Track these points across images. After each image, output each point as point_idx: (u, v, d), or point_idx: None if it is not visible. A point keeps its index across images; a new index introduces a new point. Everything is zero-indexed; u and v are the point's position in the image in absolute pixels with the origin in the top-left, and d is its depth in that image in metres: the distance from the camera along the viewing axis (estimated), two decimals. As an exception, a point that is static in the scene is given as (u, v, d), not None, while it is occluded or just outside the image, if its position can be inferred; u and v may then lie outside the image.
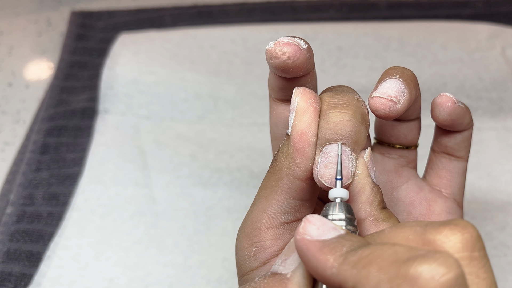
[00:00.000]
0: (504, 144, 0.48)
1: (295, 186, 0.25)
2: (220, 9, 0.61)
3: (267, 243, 0.26)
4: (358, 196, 0.25)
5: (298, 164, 0.25)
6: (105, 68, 0.53)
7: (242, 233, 0.27)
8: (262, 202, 0.26)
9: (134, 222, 0.44)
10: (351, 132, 0.24)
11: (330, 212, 0.23)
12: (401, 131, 0.30)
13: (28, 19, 0.63)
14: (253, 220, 0.27)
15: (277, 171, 0.26)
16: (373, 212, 0.25)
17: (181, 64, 0.54)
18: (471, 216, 0.43)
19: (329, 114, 0.25)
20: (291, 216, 0.26)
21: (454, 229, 0.20)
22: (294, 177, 0.25)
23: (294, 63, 0.26)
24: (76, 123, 0.51)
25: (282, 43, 0.26)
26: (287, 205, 0.26)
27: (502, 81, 0.53)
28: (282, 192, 0.26)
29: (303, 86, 0.28)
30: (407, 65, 0.54)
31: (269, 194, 0.26)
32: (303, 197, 0.26)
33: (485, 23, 0.57)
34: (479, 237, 0.20)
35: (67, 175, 0.47)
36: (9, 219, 0.44)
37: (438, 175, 0.30)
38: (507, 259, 0.41)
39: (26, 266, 0.41)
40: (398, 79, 0.26)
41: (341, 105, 0.25)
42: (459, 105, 0.28)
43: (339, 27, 0.57)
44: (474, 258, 0.19)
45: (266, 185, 0.26)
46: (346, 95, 0.26)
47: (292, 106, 0.25)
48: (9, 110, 0.54)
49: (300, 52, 0.26)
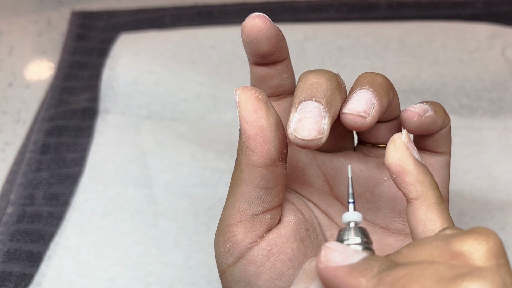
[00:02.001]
0: (504, 144, 0.48)
1: (255, 174, 0.26)
2: (220, 9, 0.61)
3: (239, 237, 0.27)
4: (405, 177, 0.25)
5: (253, 151, 0.26)
6: (106, 68, 0.53)
7: (217, 232, 0.28)
8: (230, 198, 0.27)
9: (134, 222, 0.44)
10: (325, 92, 0.25)
11: (346, 237, 0.23)
12: (380, 131, 0.30)
13: (28, 19, 0.63)
14: (225, 217, 0.27)
15: (238, 166, 0.27)
16: (425, 192, 0.24)
17: (181, 64, 0.54)
18: (471, 216, 0.43)
19: (306, 77, 0.26)
20: (259, 207, 0.27)
21: (478, 238, 0.20)
22: (252, 164, 0.26)
23: (266, 34, 0.27)
24: (76, 123, 0.51)
25: (253, 16, 0.27)
26: (253, 196, 0.26)
27: (502, 81, 0.53)
28: (245, 183, 0.26)
29: (280, 76, 0.29)
30: (407, 65, 0.54)
31: (234, 188, 0.27)
32: (266, 184, 0.26)
33: (485, 23, 0.57)
34: (502, 243, 0.20)
35: (68, 175, 0.47)
36: (9, 219, 0.44)
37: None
38: (507, 259, 0.41)
39: (27, 266, 0.41)
40: (368, 89, 0.26)
41: (318, 71, 0.26)
42: (428, 115, 0.28)
43: (339, 27, 0.57)
44: (501, 265, 0.19)
45: (232, 181, 0.27)
46: (325, 70, 0.27)
47: (236, 101, 0.26)
48: (9, 110, 0.54)
49: (270, 24, 0.27)
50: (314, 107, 0.25)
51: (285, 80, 0.29)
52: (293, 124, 0.25)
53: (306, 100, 0.25)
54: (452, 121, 0.50)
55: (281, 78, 0.29)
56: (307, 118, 0.25)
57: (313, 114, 0.25)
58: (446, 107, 0.51)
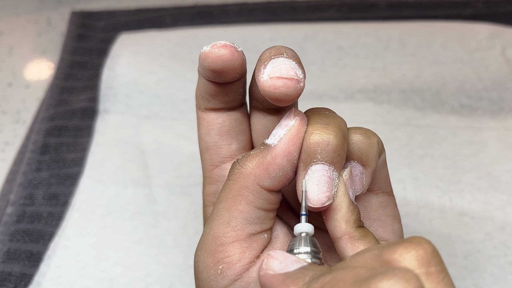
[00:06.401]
0: (504, 144, 0.48)
1: (262, 196, 0.25)
2: (220, 9, 0.61)
3: (235, 257, 0.25)
4: (334, 214, 0.25)
5: (271, 177, 0.24)
6: (105, 68, 0.53)
7: (204, 253, 0.26)
8: (224, 214, 0.25)
9: (134, 222, 0.44)
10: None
11: (296, 246, 0.24)
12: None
13: (28, 19, 0.63)
14: (216, 235, 0.25)
15: (240, 179, 0.25)
16: (348, 230, 0.25)
17: (181, 64, 0.54)
18: (471, 216, 0.43)
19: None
20: (257, 227, 0.25)
21: (408, 246, 0.20)
22: (262, 187, 0.25)
23: (232, 65, 0.25)
24: (76, 123, 0.51)
25: (219, 45, 0.25)
26: (253, 216, 0.25)
27: (502, 81, 0.53)
28: (247, 202, 0.25)
29: (235, 91, 0.28)
30: (407, 65, 0.54)
31: (231, 205, 0.25)
32: (268, 207, 0.25)
33: (485, 23, 0.57)
34: (435, 251, 0.20)
35: (67, 175, 0.47)
36: (9, 219, 0.44)
37: None
38: (507, 259, 0.41)
39: (26, 266, 0.41)
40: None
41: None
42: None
43: (339, 27, 0.57)
44: (431, 273, 0.20)
45: (227, 196, 0.25)
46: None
47: (286, 122, 0.25)
48: (9, 110, 0.54)
49: (237, 54, 0.25)
50: (286, 60, 0.25)
51: (239, 94, 0.28)
52: (267, 71, 0.24)
53: (276, 57, 0.25)
54: (452, 121, 0.50)
55: (236, 93, 0.28)
56: (281, 64, 0.24)
57: (287, 62, 0.24)
58: (446, 107, 0.52)
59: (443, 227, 0.43)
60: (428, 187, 0.45)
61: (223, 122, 0.29)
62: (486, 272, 0.40)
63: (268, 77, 0.24)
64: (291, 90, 0.24)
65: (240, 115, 0.29)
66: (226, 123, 0.29)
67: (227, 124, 0.29)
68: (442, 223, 0.43)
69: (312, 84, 0.53)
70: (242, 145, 0.29)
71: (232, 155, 0.29)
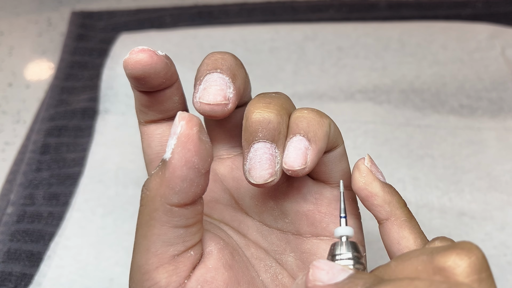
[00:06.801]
0: (504, 144, 0.48)
1: (175, 214, 0.23)
2: (220, 9, 0.61)
3: (162, 283, 0.24)
4: (373, 200, 0.25)
5: (176, 191, 0.23)
6: (106, 68, 0.53)
7: (133, 284, 0.25)
8: (142, 242, 0.24)
9: (134, 222, 0.44)
10: (230, 65, 0.25)
11: (338, 251, 0.24)
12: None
13: (28, 19, 0.63)
14: (139, 264, 0.24)
15: (148, 203, 0.23)
16: (393, 211, 0.25)
17: (181, 64, 0.54)
18: (471, 216, 0.43)
19: (210, 55, 0.25)
20: (179, 247, 0.24)
21: (461, 253, 0.20)
22: (172, 204, 0.23)
23: (153, 69, 0.25)
24: (76, 123, 0.51)
25: (137, 50, 0.25)
26: (171, 236, 0.24)
27: (502, 81, 0.53)
28: (161, 224, 0.23)
29: (170, 99, 0.27)
30: (407, 65, 0.54)
31: (146, 231, 0.24)
32: (186, 223, 0.24)
33: (485, 23, 0.57)
34: (485, 257, 0.20)
35: (68, 175, 0.47)
36: (9, 219, 0.44)
37: (315, 170, 0.28)
38: (507, 259, 0.41)
39: (27, 266, 0.41)
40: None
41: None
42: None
43: (339, 27, 0.57)
44: (482, 280, 0.20)
45: (141, 222, 0.24)
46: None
47: (174, 130, 0.22)
48: (9, 110, 0.54)
49: (157, 57, 0.25)
50: (219, 77, 0.25)
51: (175, 102, 0.27)
52: (198, 94, 0.25)
53: (210, 73, 0.25)
54: (452, 121, 0.50)
55: (171, 101, 0.27)
56: (212, 86, 0.25)
57: (218, 83, 0.25)
58: (446, 107, 0.52)
59: (443, 227, 0.43)
60: (428, 187, 0.45)
61: (163, 133, 0.28)
62: (486, 272, 0.40)
63: (198, 100, 0.25)
64: (219, 113, 0.25)
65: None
66: (166, 133, 0.28)
67: (167, 134, 0.28)
68: (442, 223, 0.43)
69: (312, 84, 0.53)
70: None
71: None
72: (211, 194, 0.29)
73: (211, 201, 0.28)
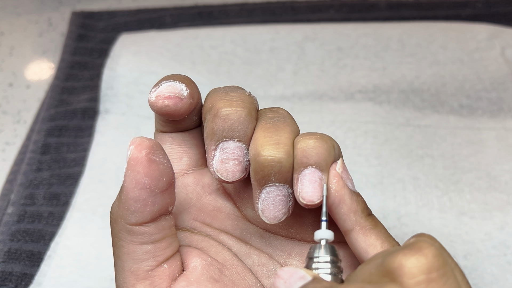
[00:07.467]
0: (503, 144, 0.48)
1: (137, 232, 0.24)
2: (221, 9, 0.61)
3: None
4: (340, 208, 0.25)
5: (132, 211, 0.24)
6: (106, 68, 0.53)
7: None
8: (117, 262, 0.25)
9: (134, 222, 0.44)
10: (246, 129, 0.25)
11: (316, 254, 0.24)
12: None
13: (28, 20, 0.63)
14: (118, 284, 0.25)
15: (113, 225, 0.25)
16: (358, 221, 0.25)
17: (181, 64, 0.54)
18: (471, 216, 0.43)
19: (224, 111, 0.25)
20: (151, 262, 0.25)
21: (407, 254, 0.20)
22: (131, 224, 0.24)
23: (177, 112, 0.26)
24: (76, 123, 0.51)
25: (163, 97, 0.26)
26: (139, 253, 0.25)
27: (501, 81, 0.53)
28: (128, 243, 0.25)
29: (190, 119, 0.28)
30: (407, 66, 0.55)
31: (118, 251, 0.25)
32: (151, 239, 0.25)
33: (485, 24, 0.57)
34: (437, 254, 0.20)
35: (68, 175, 0.47)
36: (10, 219, 0.44)
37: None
38: (507, 259, 0.41)
39: (27, 265, 0.41)
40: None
41: (235, 102, 0.25)
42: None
43: (339, 28, 0.57)
44: (432, 280, 0.19)
45: (113, 244, 0.25)
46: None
47: (127, 154, 0.24)
48: (10, 110, 0.54)
49: (181, 103, 0.26)
50: (236, 147, 0.25)
51: (194, 121, 0.28)
52: (215, 163, 0.25)
53: (227, 141, 0.25)
54: (452, 121, 0.50)
55: (189, 120, 0.28)
56: (230, 160, 0.25)
57: (236, 155, 0.25)
58: (445, 107, 0.52)
59: (443, 227, 0.43)
60: (427, 187, 0.45)
61: (174, 136, 0.29)
62: (485, 271, 0.40)
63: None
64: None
65: (193, 130, 0.29)
66: (177, 137, 0.28)
67: (178, 137, 0.28)
68: (442, 223, 0.43)
69: (312, 84, 0.53)
70: (194, 159, 0.28)
71: (183, 169, 0.28)
72: (213, 203, 0.28)
73: (212, 210, 0.28)
